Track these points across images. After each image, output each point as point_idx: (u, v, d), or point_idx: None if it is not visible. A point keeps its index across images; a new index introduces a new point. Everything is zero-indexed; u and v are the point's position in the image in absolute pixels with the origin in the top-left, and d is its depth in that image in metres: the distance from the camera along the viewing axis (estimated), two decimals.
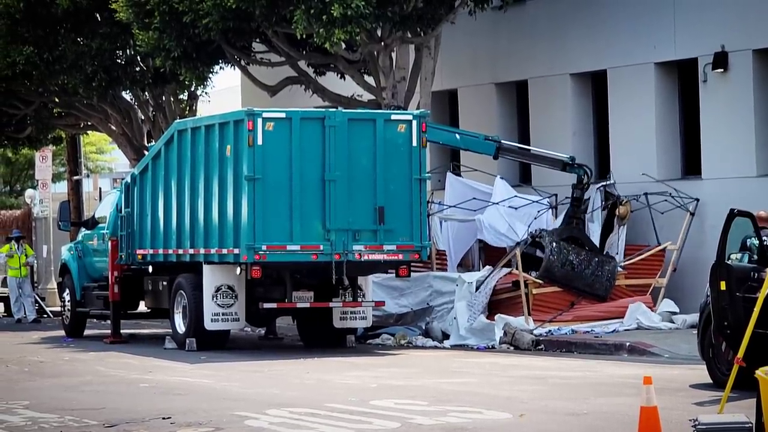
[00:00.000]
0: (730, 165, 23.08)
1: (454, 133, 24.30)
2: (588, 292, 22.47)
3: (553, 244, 22.39)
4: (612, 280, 22.49)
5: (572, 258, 22.40)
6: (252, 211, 20.19)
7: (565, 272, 22.36)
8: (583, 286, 22.42)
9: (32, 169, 43.39)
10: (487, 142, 23.62)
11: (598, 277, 22.45)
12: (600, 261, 22.54)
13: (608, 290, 22.51)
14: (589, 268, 22.43)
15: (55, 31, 29.98)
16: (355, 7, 22.55)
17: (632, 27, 24.63)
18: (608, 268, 22.51)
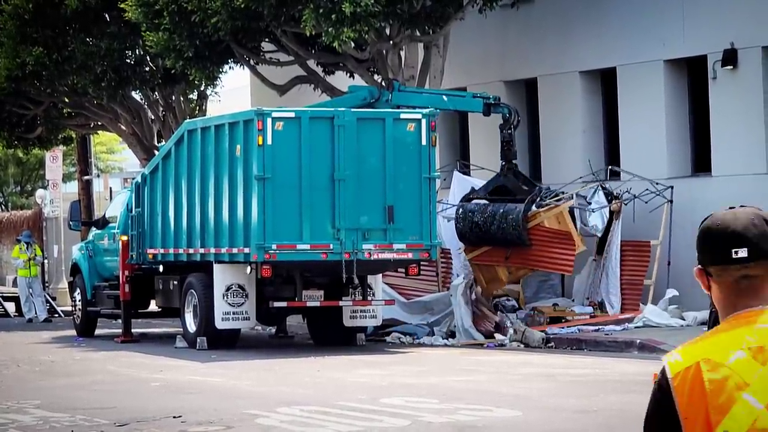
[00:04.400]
0: (740, 162, 23.06)
1: (441, 95, 24.12)
2: (504, 244, 22.34)
3: (459, 211, 22.48)
4: (519, 227, 22.06)
5: (477, 219, 22.37)
6: (262, 210, 20.22)
7: (475, 234, 22.41)
8: (497, 241, 22.34)
9: (43, 169, 43.49)
10: (475, 100, 23.32)
11: (504, 229, 22.22)
12: (504, 212, 22.26)
13: (521, 237, 22.14)
14: (494, 224, 22.25)
15: (65, 32, 30.05)
16: (364, 5, 22.57)
17: (641, 24, 24.62)
18: (512, 216, 22.16)
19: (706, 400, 3.19)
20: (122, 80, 30.27)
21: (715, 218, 3.32)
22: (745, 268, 3.26)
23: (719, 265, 3.30)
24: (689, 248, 23.56)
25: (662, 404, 3.31)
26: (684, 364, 3.28)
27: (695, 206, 23.92)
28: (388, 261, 20.73)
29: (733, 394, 3.16)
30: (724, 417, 3.16)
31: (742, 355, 3.19)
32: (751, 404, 3.15)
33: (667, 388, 3.30)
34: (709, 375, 3.20)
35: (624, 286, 23.01)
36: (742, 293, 3.28)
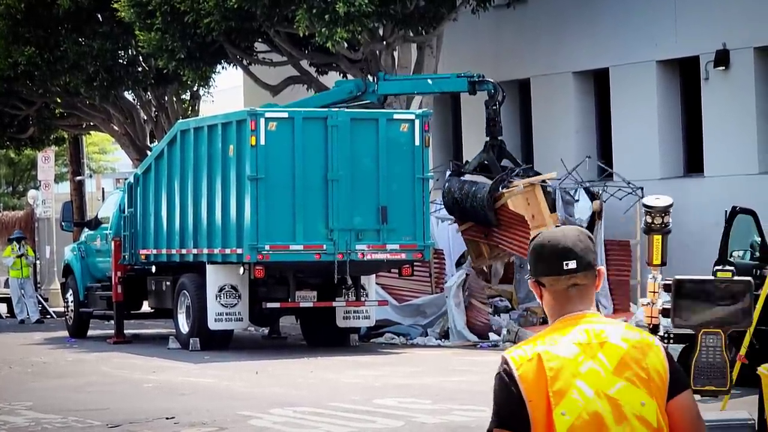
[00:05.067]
0: (732, 162, 23.09)
1: (425, 79, 24.03)
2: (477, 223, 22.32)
3: (445, 186, 22.42)
4: (485, 207, 21.97)
5: (457, 195, 22.36)
6: (255, 211, 20.20)
7: (458, 210, 22.38)
8: (472, 218, 22.32)
9: (35, 169, 43.43)
10: (459, 80, 23.15)
11: (475, 208, 22.21)
12: (475, 191, 22.22)
13: (488, 217, 22.06)
14: (467, 201, 22.24)
15: (57, 32, 30.01)
16: (357, 5, 22.57)
17: (634, 25, 24.64)
18: (480, 196, 22.09)
19: (546, 385, 3.73)
20: (115, 80, 30.24)
21: (546, 236, 3.90)
22: (574, 278, 3.86)
23: (553, 276, 3.87)
24: (682, 248, 23.67)
25: (509, 390, 3.80)
26: (526, 357, 3.80)
27: (688, 207, 23.95)
28: (381, 261, 20.72)
29: (569, 381, 3.73)
30: (562, 400, 3.72)
31: (575, 349, 3.77)
32: (583, 390, 3.72)
33: (513, 377, 3.79)
34: (549, 365, 3.75)
35: (612, 286, 23.02)
36: (571, 299, 3.87)
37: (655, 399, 3.77)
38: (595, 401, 3.73)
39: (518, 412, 3.79)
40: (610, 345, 3.81)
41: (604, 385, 3.75)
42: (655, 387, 3.77)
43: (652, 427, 3.74)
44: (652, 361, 3.80)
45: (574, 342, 3.80)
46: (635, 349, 3.81)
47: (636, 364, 3.78)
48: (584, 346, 3.80)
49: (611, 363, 3.78)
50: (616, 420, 3.72)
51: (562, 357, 3.78)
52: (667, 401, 3.78)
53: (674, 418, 3.78)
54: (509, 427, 3.81)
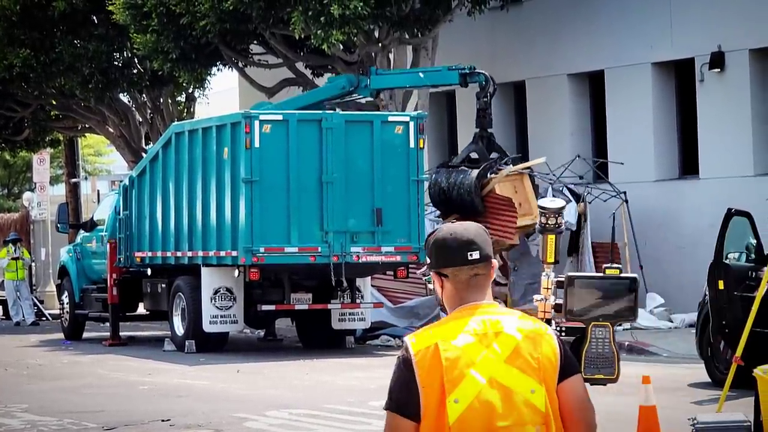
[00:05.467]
0: (727, 164, 23.10)
1: (417, 72, 23.98)
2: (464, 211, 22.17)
3: (431, 178, 22.40)
4: (472, 193, 21.89)
5: (444, 185, 22.28)
6: (250, 213, 20.19)
7: (442, 201, 22.27)
8: (457, 208, 22.22)
9: (30, 171, 43.40)
10: (451, 72, 23.08)
11: (461, 195, 22.11)
12: (462, 178, 22.12)
13: (474, 204, 21.95)
14: (454, 190, 22.18)
15: (52, 34, 30.00)
16: (353, 7, 22.57)
17: (629, 27, 24.65)
18: (467, 183, 22.01)
19: (442, 373, 3.91)
20: (110, 82, 30.22)
21: (448, 230, 4.15)
22: (476, 268, 4.10)
23: (457, 266, 4.10)
24: (677, 250, 23.67)
25: (405, 375, 3.99)
26: (424, 345, 3.98)
27: (683, 209, 23.97)
28: (376, 264, 20.72)
29: (464, 370, 3.92)
30: (455, 388, 3.91)
31: (470, 339, 3.96)
32: (477, 379, 3.91)
33: (410, 362, 3.97)
34: (445, 354, 3.93)
35: None
36: (471, 289, 4.09)
37: (546, 385, 3.97)
38: (487, 389, 3.92)
39: (411, 398, 3.97)
40: (505, 335, 4.00)
41: (497, 373, 3.94)
42: (545, 374, 3.97)
43: (541, 413, 3.94)
44: (544, 349, 4.00)
45: (470, 332, 3.99)
46: (529, 338, 4.01)
47: (528, 353, 3.98)
48: (480, 336, 3.98)
49: (504, 352, 3.97)
50: (506, 407, 3.91)
51: (459, 347, 3.95)
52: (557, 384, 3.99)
53: (563, 400, 3.99)
54: (400, 411, 4.00)
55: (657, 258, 23.73)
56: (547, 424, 3.96)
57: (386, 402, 4.09)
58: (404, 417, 4.02)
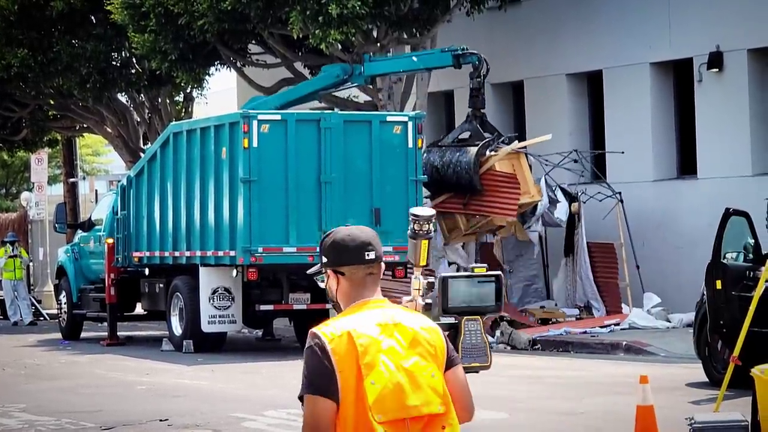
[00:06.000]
0: (725, 164, 23.10)
1: (410, 57, 23.86)
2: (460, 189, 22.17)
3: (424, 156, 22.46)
4: (471, 171, 21.86)
5: (437, 164, 22.24)
6: (248, 213, 20.19)
7: (435, 181, 22.22)
8: (453, 187, 22.18)
9: (28, 171, 43.38)
10: (444, 54, 23.00)
11: (458, 173, 22.05)
12: (459, 156, 22.10)
13: (473, 182, 21.94)
14: (450, 169, 22.10)
15: (50, 34, 30.00)
16: (351, 7, 22.56)
17: (627, 27, 24.65)
18: (465, 160, 21.97)
19: (357, 358, 4.32)
20: (108, 82, 30.22)
21: (344, 232, 4.56)
22: (371, 267, 4.52)
23: (354, 265, 4.50)
24: (675, 250, 23.68)
25: (322, 362, 4.37)
26: (336, 334, 4.38)
27: (681, 209, 23.97)
28: None
29: (376, 355, 4.34)
30: (371, 371, 4.32)
31: (377, 328, 4.38)
32: (387, 363, 4.34)
33: (325, 350, 4.36)
34: (359, 341, 4.34)
35: (600, 288, 22.98)
36: (367, 286, 4.50)
37: (440, 371, 4.46)
38: (396, 373, 4.35)
39: (329, 381, 4.34)
40: (403, 326, 4.44)
41: (402, 359, 4.38)
42: (439, 361, 4.45)
43: (440, 394, 4.41)
44: (435, 340, 4.47)
45: (375, 322, 4.41)
46: (423, 329, 4.47)
47: (425, 342, 4.44)
48: (383, 326, 4.40)
49: (405, 341, 4.41)
50: (413, 388, 4.36)
51: (368, 335, 4.37)
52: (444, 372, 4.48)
53: (449, 386, 4.48)
54: (321, 392, 4.35)
55: (655, 258, 23.74)
56: (446, 404, 4.43)
57: (304, 389, 4.40)
58: (328, 399, 4.34)
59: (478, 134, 22.60)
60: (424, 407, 4.37)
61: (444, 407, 4.41)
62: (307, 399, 4.38)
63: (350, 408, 4.31)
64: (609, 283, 23.00)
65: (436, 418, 4.40)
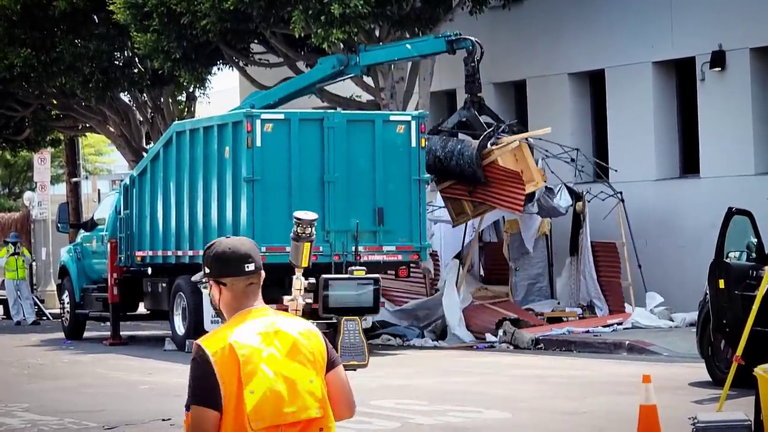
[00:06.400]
0: (728, 163, 23.10)
1: (404, 44, 23.83)
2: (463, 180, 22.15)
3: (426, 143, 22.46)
4: (474, 164, 21.81)
5: (438, 154, 22.21)
6: (251, 212, 20.19)
7: (438, 169, 22.18)
8: (456, 176, 22.16)
9: (31, 171, 43.40)
10: (437, 40, 22.95)
11: (461, 166, 21.99)
12: (461, 149, 22.05)
13: (476, 175, 21.90)
14: (452, 160, 22.04)
15: (53, 33, 30.00)
16: (353, 6, 22.56)
17: (630, 26, 24.65)
18: (468, 154, 21.91)
19: (239, 368, 4.55)
20: (110, 82, 30.23)
21: (225, 244, 4.79)
22: (251, 278, 4.77)
23: (234, 276, 4.74)
24: (678, 249, 23.67)
25: (206, 373, 4.56)
26: (219, 345, 4.59)
27: (684, 208, 23.96)
28: (377, 263, 20.71)
29: (256, 364, 4.57)
30: (251, 380, 4.54)
31: (257, 338, 4.62)
32: (267, 372, 4.56)
33: (209, 361, 4.56)
34: (240, 351, 4.57)
35: (603, 287, 22.97)
36: (247, 296, 4.75)
37: (319, 375, 4.69)
38: (275, 380, 4.58)
39: (213, 391, 4.55)
40: (283, 333, 4.68)
41: (282, 367, 4.61)
42: (318, 366, 4.69)
43: (318, 399, 4.65)
44: (315, 344, 4.71)
45: (256, 332, 4.64)
46: (303, 335, 4.71)
47: (305, 348, 4.67)
48: (264, 335, 4.64)
49: (285, 348, 4.65)
50: (291, 395, 4.59)
51: (249, 345, 4.60)
52: (325, 374, 4.73)
53: (331, 387, 4.73)
54: (205, 403, 4.55)
55: (658, 257, 23.74)
56: (323, 407, 4.67)
57: (190, 399, 4.59)
58: (211, 409, 4.54)
59: (476, 120, 22.59)
60: (301, 413, 4.61)
61: (321, 411, 4.65)
62: (192, 409, 4.57)
63: (231, 416, 4.54)
64: (612, 283, 23.00)
65: (313, 422, 4.64)
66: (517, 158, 22.07)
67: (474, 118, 22.59)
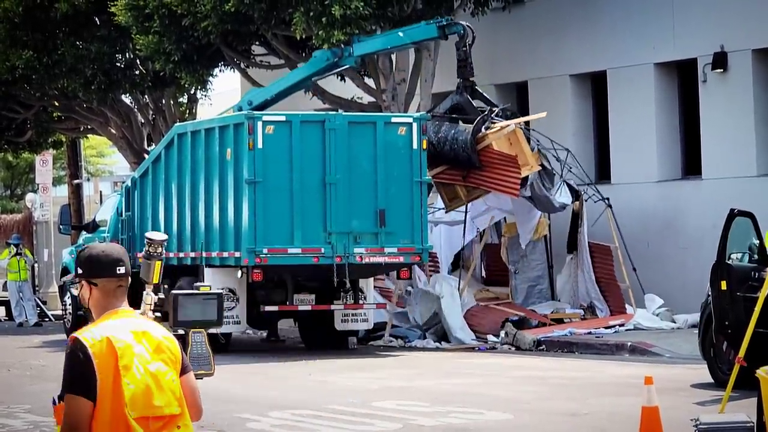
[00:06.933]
0: (730, 165, 23.09)
1: (397, 32, 23.71)
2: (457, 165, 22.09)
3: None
4: (469, 149, 21.78)
5: (432, 139, 22.08)
6: (253, 214, 20.19)
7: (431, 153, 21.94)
8: (450, 161, 22.11)
9: (33, 173, 43.43)
10: (429, 26, 22.92)
11: (455, 151, 21.95)
12: (455, 133, 22.01)
13: (471, 159, 21.86)
14: (446, 145, 21.97)
15: (55, 35, 30.03)
16: (354, 8, 22.57)
17: (632, 28, 24.65)
18: (462, 138, 21.88)
19: (116, 362, 4.98)
20: (112, 83, 30.25)
21: (99, 248, 5.25)
22: (121, 280, 5.28)
23: (106, 277, 5.21)
24: (680, 251, 23.66)
25: (84, 365, 4.96)
26: (96, 339, 5.00)
27: (686, 209, 23.96)
28: (379, 265, 20.72)
29: (131, 359, 5.00)
30: (127, 373, 4.98)
31: (130, 335, 5.08)
32: (138, 367, 5.01)
33: (87, 354, 4.96)
34: (117, 345, 5.00)
35: (603, 288, 22.96)
36: (116, 297, 5.25)
37: (178, 376, 5.16)
38: (145, 376, 5.02)
39: (89, 382, 4.94)
40: (150, 334, 5.15)
41: (149, 363, 5.05)
42: (177, 368, 5.16)
43: (177, 397, 5.11)
44: (174, 348, 5.18)
45: (128, 329, 5.10)
46: (166, 338, 5.19)
47: (167, 349, 5.14)
48: (135, 333, 5.10)
49: (152, 347, 5.09)
50: (158, 390, 5.03)
51: (124, 340, 5.03)
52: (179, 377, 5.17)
53: (183, 390, 5.19)
54: (81, 393, 4.94)
55: (660, 258, 23.74)
56: (182, 406, 5.13)
57: (64, 389, 4.98)
58: (87, 399, 4.93)
59: (468, 105, 22.57)
60: (166, 408, 5.07)
61: (180, 408, 5.13)
62: (67, 398, 4.98)
63: (107, 405, 4.94)
64: (611, 284, 22.99)
65: (174, 419, 5.10)
66: (512, 142, 22.02)
67: (467, 103, 22.58)
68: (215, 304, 6.16)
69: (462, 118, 22.42)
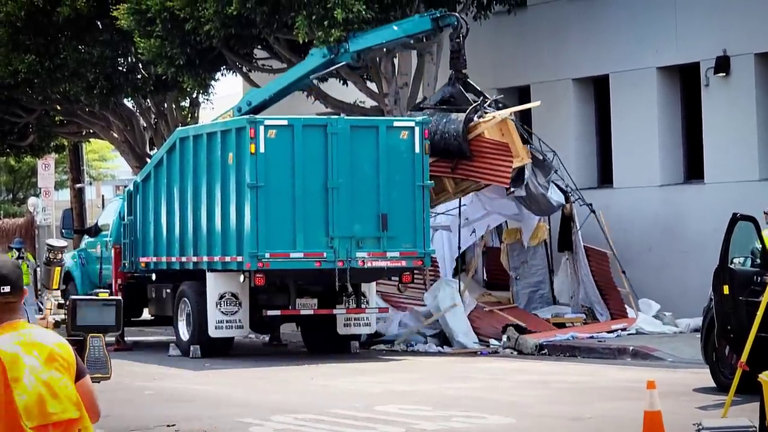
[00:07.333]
0: (732, 169, 23.09)
1: (392, 26, 23.57)
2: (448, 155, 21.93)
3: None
4: (460, 137, 21.69)
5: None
6: (255, 218, 20.20)
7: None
8: (440, 152, 21.89)
9: (35, 177, 43.44)
10: (422, 19, 22.93)
11: (446, 140, 21.83)
12: (446, 122, 21.89)
13: (462, 148, 21.76)
14: (436, 134, 21.83)
15: (57, 39, 30.04)
16: (356, 11, 22.57)
17: (634, 32, 24.65)
18: (453, 127, 21.77)
19: (5, 374, 5.11)
20: (114, 88, 30.26)
21: None
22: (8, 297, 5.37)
23: None
24: (682, 255, 23.65)
25: None
26: None
27: (688, 213, 23.96)
28: (381, 269, 20.71)
29: (21, 370, 5.16)
30: (18, 385, 5.13)
31: (19, 347, 5.21)
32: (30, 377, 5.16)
33: None
34: (5, 359, 5.14)
35: (603, 292, 22.95)
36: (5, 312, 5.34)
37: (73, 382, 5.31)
38: (37, 385, 5.17)
39: None
40: (41, 344, 5.27)
41: (41, 373, 5.20)
42: (71, 374, 5.31)
43: (74, 402, 5.28)
44: (67, 354, 5.32)
45: (17, 343, 5.22)
46: (57, 345, 5.31)
47: (60, 357, 5.28)
48: (23, 345, 5.23)
49: (43, 357, 5.23)
50: (52, 398, 5.19)
51: (12, 353, 5.17)
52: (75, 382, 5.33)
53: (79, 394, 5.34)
54: None
55: (662, 262, 23.73)
56: (80, 410, 5.29)
57: None
58: None
59: (461, 97, 22.54)
60: (63, 414, 5.22)
61: (78, 412, 5.29)
62: None
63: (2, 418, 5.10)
64: (609, 288, 22.97)
65: (73, 423, 5.26)
66: (503, 133, 21.97)
67: (459, 94, 22.56)
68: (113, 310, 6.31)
69: (454, 109, 22.35)
